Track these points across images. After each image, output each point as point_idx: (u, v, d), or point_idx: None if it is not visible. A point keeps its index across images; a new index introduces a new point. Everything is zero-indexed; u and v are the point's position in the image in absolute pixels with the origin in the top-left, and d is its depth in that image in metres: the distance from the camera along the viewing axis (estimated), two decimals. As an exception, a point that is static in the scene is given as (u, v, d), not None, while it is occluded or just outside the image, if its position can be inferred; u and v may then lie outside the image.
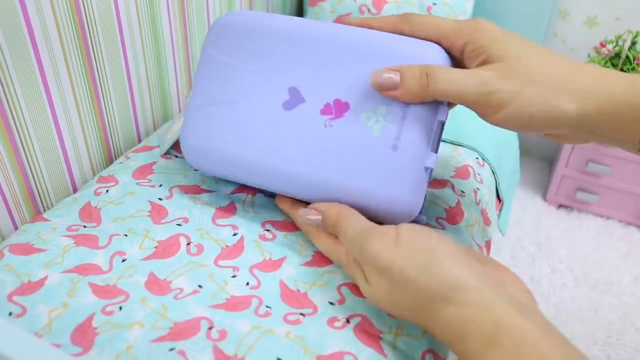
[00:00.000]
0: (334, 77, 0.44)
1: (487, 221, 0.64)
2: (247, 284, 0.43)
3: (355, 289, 0.43)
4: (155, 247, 0.46)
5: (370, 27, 0.45)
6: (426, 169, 0.42)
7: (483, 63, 0.40)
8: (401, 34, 0.44)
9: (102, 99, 0.66)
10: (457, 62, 0.44)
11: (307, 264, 0.46)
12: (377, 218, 0.44)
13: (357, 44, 0.43)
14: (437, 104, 0.42)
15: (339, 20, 0.47)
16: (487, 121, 0.40)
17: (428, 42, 0.43)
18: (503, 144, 0.87)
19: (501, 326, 0.30)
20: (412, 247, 0.35)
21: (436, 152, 0.43)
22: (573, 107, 0.37)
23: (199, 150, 0.47)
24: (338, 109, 0.43)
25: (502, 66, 0.38)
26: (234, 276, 0.44)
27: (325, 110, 0.44)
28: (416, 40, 0.43)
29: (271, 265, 0.45)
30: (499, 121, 0.39)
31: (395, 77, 0.40)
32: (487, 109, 0.38)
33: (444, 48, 0.43)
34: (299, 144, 0.44)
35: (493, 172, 0.75)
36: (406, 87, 0.40)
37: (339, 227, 0.41)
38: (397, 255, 0.35)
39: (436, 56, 0.42)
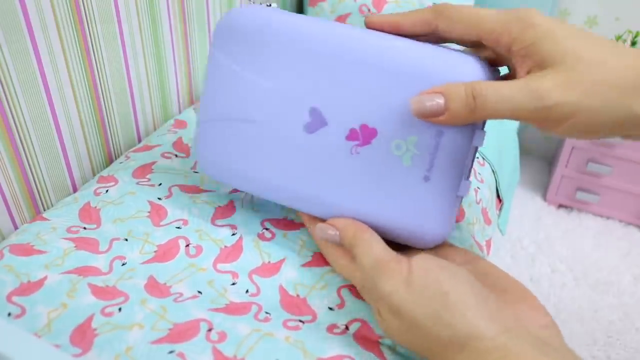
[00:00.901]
0: (360, 100, 0.39)
1: (487, 220, 0.64)
2: (247, 291, 0.43)
3: (355, 291, 0.43)
4: (155, 252, 0.46)
5: (398, 28, 0.40)
6: (458, 197, 0.40)
7: (536, 64, 0.34)
8: (435, 30, 0.39)
9: (102, 99, 0.66)
10: (499, 61, 0.40)
11: (307, 264, 0.46)
12: (401, 242, 0.42)
13: (385, 62, 0.38)
14: (473, 129, 0.38)
15: (368, 20, 0.41)
16: (548, 133, 0.36)
17: (463, 56, 0.38)
18: (503, 143, 0.87)
19: None
20: (423, 290, 0.33)
21: (469, 177, 0.40)
22: None
23: (214, 164, 0.45)
24: (365, 135, 0.40)
25: (560, 72, 0.33)
26: (233, 283, 0.44)
27: (351, 136, 0.40)
28: (450, 53, 0.38)
29: (270, 268, 0.45)
30: (562, 133, 0.34)
31: (440, 101, 0.36)
32: (547, 123, 0.34)
33: (486, 45, 0.38)
34: (323, 170, 0.41)
35: (493, 171, 0.75)
36: (452, 111, 0.35)
37: (355, 250, 0.38)
38: (407, 298, 0.33)
39: (475, 73, 0.37)
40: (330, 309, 0.42)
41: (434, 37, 0.40)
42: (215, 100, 0.44)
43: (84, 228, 0.49)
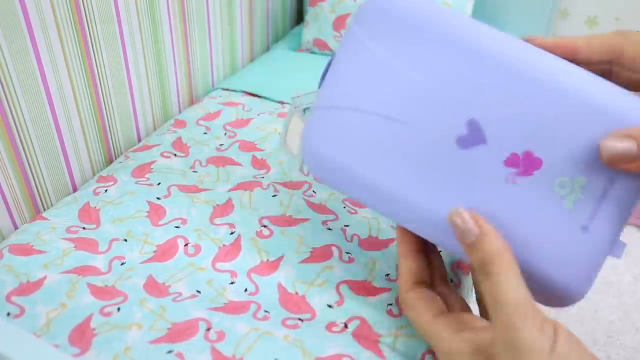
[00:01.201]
0: (529, 124, 0.34)
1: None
2: (246, 290, 0.43)
3: (354, 287, 0.43)
4: (154, 252, 0.46)
5: (574, 52, 0.36)
6: (607, 256, 0.35)
7: None
8: (619, 56, 0.35)
9: (102, 99, 0.66)
10: None
11: (306, 260, 0.46)
12: (531, 293, 0.37)
13: (567, 89, 0.34)
14: None
15: (534, 41, 0.37)
16: None
17: None
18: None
19: None
20: None
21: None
22: None
23: (325, 161, 0.37)
24: (527, 164, 0.35)
25: None
26: (232, 282, 0.44)
27: (511, 161, 0.35)
28: (628, 92, 0.35)
29: (269, 267, 0.45)
30: None
31: (632, 146, 0.31)
32: None
33: None
34: (469, 194, 0.35)
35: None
36: None
37: (494, 271, 0.31)
38: None
39: None
40: (329, 306, 0.42)
41: (599, 69, 0.37)
42: (344, 85, 0.36)
43: (84, 228, 0.49)
